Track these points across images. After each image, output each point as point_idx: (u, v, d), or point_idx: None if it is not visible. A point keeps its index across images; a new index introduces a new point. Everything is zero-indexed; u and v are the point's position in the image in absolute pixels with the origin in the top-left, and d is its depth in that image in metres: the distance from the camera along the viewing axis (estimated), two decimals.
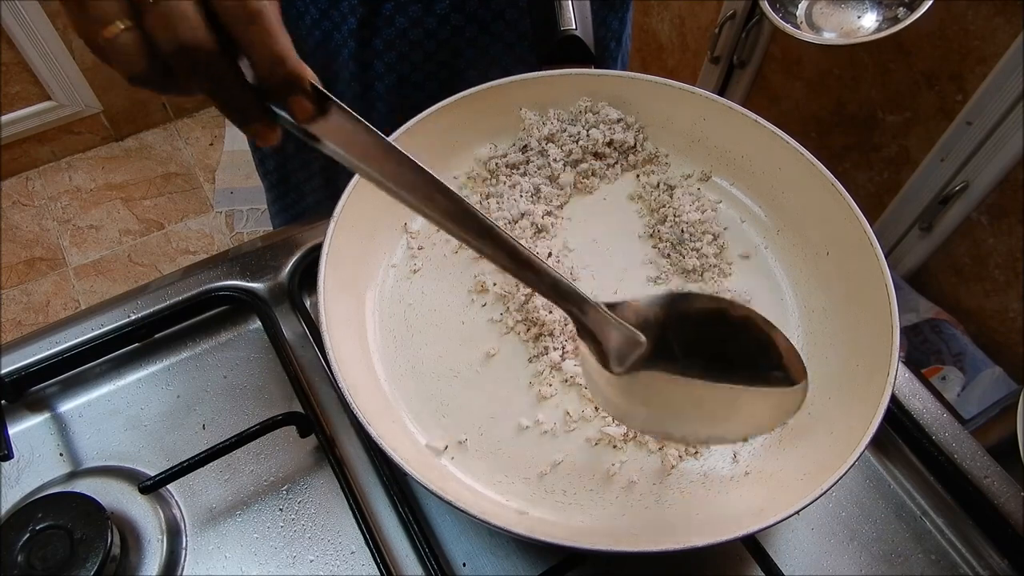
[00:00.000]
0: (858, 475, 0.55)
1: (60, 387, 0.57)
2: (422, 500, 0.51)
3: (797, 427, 0.48)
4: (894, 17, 0.58)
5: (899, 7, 0.58)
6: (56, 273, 1.85)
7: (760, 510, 0.42)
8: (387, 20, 0.65)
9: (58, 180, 2.02)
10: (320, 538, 0.50)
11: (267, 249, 0.62)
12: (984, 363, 1.22)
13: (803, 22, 0.62)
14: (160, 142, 2.11)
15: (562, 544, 0.40)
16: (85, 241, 1.90)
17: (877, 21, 0.60)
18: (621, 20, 0.75)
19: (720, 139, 0.59)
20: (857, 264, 0.51)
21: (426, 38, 0.66)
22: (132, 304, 0.59)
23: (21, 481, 0.52)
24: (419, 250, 0.57)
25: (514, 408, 0.50)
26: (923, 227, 1.29)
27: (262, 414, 0.54)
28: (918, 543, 0.52)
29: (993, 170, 1.15)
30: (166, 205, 1.98)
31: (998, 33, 1.07)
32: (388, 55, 0.67)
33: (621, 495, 0.47)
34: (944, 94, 1.19)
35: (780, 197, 0.57)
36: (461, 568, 0.49)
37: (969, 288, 1.29)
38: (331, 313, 0.48)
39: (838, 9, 0.61)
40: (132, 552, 0.48)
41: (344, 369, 0.45)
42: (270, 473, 0.53)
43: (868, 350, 0.48)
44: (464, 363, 0.52)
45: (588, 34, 0.60)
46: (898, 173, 1.32)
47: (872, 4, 0.61)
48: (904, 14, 0.58)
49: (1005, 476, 0.52)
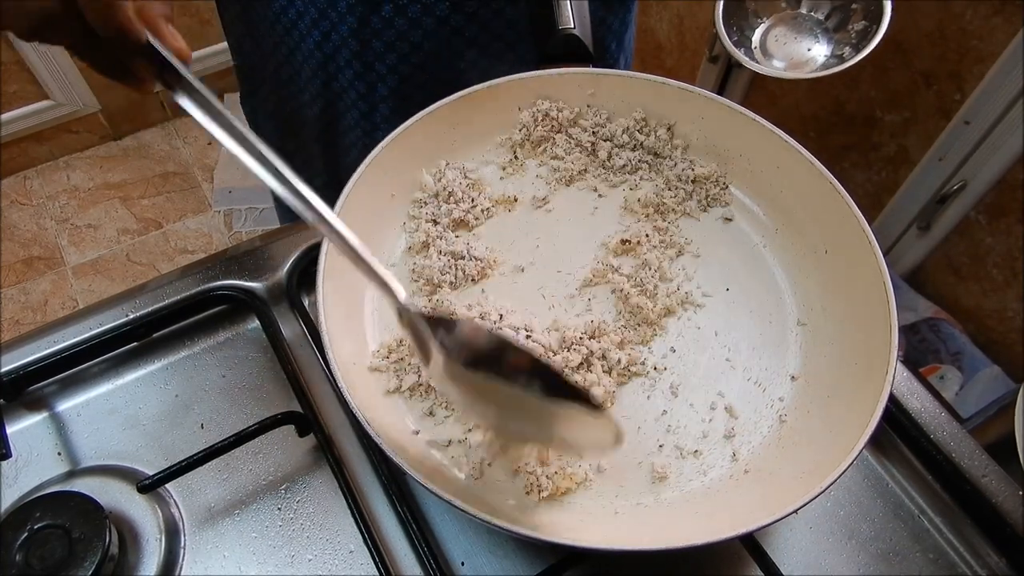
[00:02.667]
0: (856, 474, 0.55)
1: (58, 386, 0.57)
2: (421, 499, 0.51)
3: (796, 426, 0.49)
4: (840, 55, 0.60)
5: (846, 46, 0.60)
6: (54, 272, 1.84)
7: (758, 509, 0.42)
8: (387, 22, 0.65)
9: (56, 179, 2.01)
10: (318, 537, 0.50)
11: (265, 248, 0.62)
12: (982, 362, 1.22)
13: (757, 47, 0.63)
14: (158, 141, 2.11)
15: (561, 543, 0.40)
16: (83, 240, 1.90)
17: (826, 56, 0.62)
18: (622, 21, 0.75)
19: (719, 138, 0.59)
20: (856, 263, 0.51)
21: (426, 39, 0.66)
22: (130, 303, 0.59)
23: (19, 480, 0.52)
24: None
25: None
26: (921, 226, 1.29)
27: (260, 413, 0.54)
28: (916, 542, 0.52)
29: (991, 169, 1.15)
30: (164, 204, 1.97)
31: (996, 33, 1.08)
32: (389, 56, 0.67)
33: (620, 494, 0.47)
34: (942, 93, 1.19)
35: (779, 196, 0.57)
36: (460, 567, 0.49)
37: (967, 287, 1.29)
38: (330, 313, 0.48)
39: (791, 39, 0.63)
40: (130, 551, 0.48)
41: (342, 368, 0.45)
42: (268, 472, 0.53)
43: (866, 349, 0.48)
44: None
45: (587, 33, 0.60)
46: (896, 172, 1.32)
47: (824, 38, 0.62)
48: (849, 54, 0.60)
49: (1003, 475, 0.52)
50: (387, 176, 0.56)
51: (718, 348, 0.53)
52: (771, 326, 0.53)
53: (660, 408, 0.50)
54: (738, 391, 0.51)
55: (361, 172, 0.53)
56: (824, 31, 0.63)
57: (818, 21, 0.64)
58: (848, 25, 0.61)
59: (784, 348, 0.52)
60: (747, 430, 0.49)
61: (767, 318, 0.54)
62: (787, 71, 0.62)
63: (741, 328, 0.53)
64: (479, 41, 0.67)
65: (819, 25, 0.63)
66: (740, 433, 0.49)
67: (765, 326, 0.53)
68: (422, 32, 0.65)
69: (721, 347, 0.53)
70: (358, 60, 0.68)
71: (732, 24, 0.64)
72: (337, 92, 0.72)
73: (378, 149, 0.55)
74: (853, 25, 0.61)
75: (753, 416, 0.50)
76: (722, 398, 0.50)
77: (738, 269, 0.56)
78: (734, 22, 0.64)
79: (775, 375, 0.51)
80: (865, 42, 0.59)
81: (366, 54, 0.67)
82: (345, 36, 0.67)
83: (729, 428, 0.49)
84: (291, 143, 0.82)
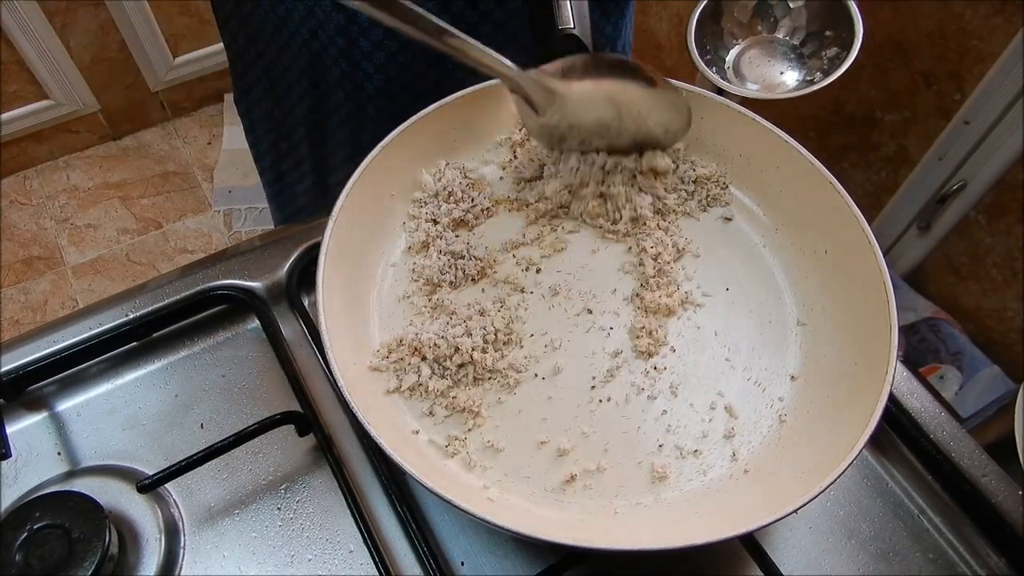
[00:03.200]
0: (856, 474, 0.55)
1: (58, 386, 0.57)
2: (420, 499, 0.51)
3: (795, 426, 0.49)
4: (811, 80, 0.63)
5: (817, 72, 0.62)
6: (54, 272, 1.85)
7: (758, 509, 0.42)
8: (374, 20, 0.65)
9: (56, 179, 2.01)
10: (318, 537, 0.50)
11: (265, 248, 0.62)
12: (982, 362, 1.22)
13: (730, 68, 0.65)
14: (158, 141, 2.11)
15: (560, 543, 0.40)
16: (83, 240, 1.90)
17: (797, 80, 0.64)
18: (615, 26, 0.75)
19: (718, 138, 0.59)
20: (855, 263, 0.51)
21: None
22: (130, 303, 0.59)
23: (19, 480, 0.52)
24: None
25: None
26: (921, 226, 1.29)
27: (260, 413, 0.55)
28: (916, 542, 0.52)
29: (991, 169, 1.15)
30: (164, 204, 1.97)
31: (996, 32, 1.08)
32: (376, 55, 0.67)
33: (620, 493, 0.47)
34: (942, 93, 1.19)
35: (778, 196, 0.57)
36: (460, 567, 0.49)
37: (967, 287, 1.29)
38: (329, 312, 0.48)
39: (764, 63, 0.65)
40: (130, 551, 0.48)
41: (342, 368, 0.45)
42: (268, 472, 0.53)
43: (866, 349, 0.48)
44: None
45: (586, 33, 0.60)
46: (896, 172, 1.32)
47: (796, 64, 0.65)
48: (819, 78, 0.62)
49: (1003, 475, 0.52)
50: (387, 176, 0.56)
51: (718, 348, 0.53)
52: (771, 326, 0.53)
53: (660, 408, 0.50)
54: (738, 391, 0.51)
55: (361, 172, 0.54)
56: (798, 56, 0.64)
57: (793, 47, 0.65)
58: (821, 52, 0.63)
59: (784, 348, 0.52)
60: (747, 430, 0.49)
61: (767, 318, 0.54)
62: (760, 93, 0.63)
63: (741, 328, 0.53)
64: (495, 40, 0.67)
65: (793, 51, 0.65)
66: (740, 433, 0.49)
67: (765, 326, 0.53)
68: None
69: (721, 347, 0.53)
70: (345, 59, 0.68)
71: (706, 44, 0.65)
72: (325, 91, 0.72)
73: (378, 149, 0.55)
74: (825, 52, 0.63)
75: (753, 416, 0.50)
76: (722, 398, 0.50)
77: (738, 269, 0.56)
78: (708, 41, 0.65)
79: (775, 375, 0.51)
80: (834, 68, 0.62)
81: (353, 52, 0.67)
82: (332, 34, 0.66)
83: (729, 428, 0.49)
84: (284, 143, 0.82)
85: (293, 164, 0.83)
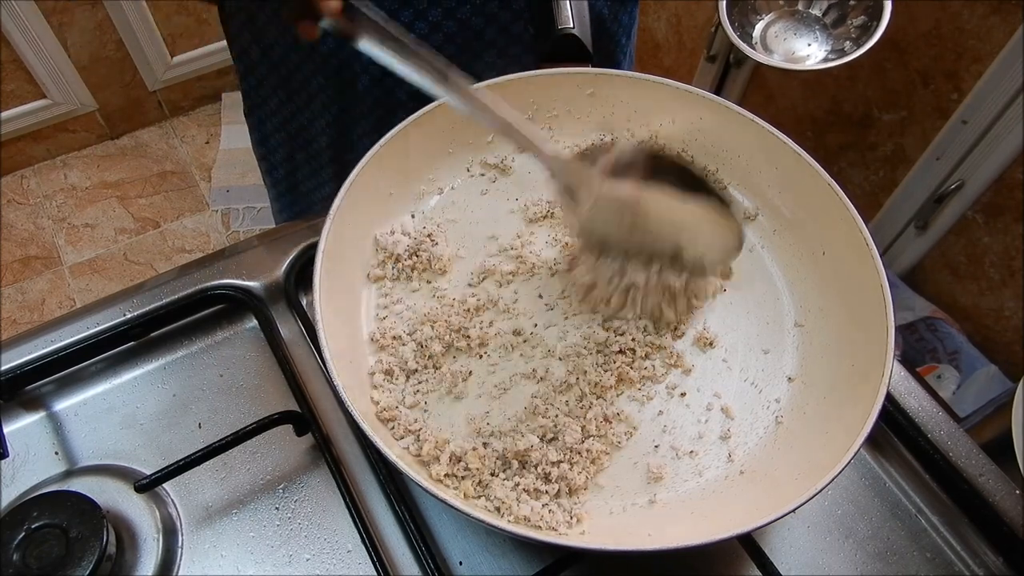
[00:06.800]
0: (854, 473, 0.55)
1: (56, 386, 0.57)
2: (419, 499, 0.51)
3: (792, 427, 0.49)
4: (841, 49, 0.62)
5: (846, 41, 0.62)
6: (51, 272, 1.84)
7: (756, 509, 0.42)
8: (407, 26, 0.64)
9: (53, 178, 2.01)
10: (316, 537, 0.50)
11: (263, 248, 0.62)
12: (979, 361, 1.22)
13: (757, 42, 0.64)
14: (156, 140, 2.10)
15: (558, 543, 0.40)
16: (80, 240, 1.90)
17: (825, 51, 0.64)
18: (630, 15, 0.76)
19: (716, 138, 0.59)
20: (853, 263, 0.51)
21: (446, 43, 0.65)
22: (128, 303, 0.58)
23: (17, 480, 0.52)
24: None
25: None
26: (919, 226, 1.29)
27: (258, 413, 0.54)
28: (913, 541, 0.52)
29: (988, 169, 1.15)
30: (162, 203, 1.97)
31: (994, 32, 1.08)
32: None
33: (616, 494, 0.47)
34: (940, 93, 1.19)
35: (776, 197, 0.57)
36: (458, 567, 0.49)
37: (964, 286, 1.29)
38: (327, 312, 0.48)
39: (791, 35, 0.64)
40: (128, 551, 0.48)
41: (340, 368, 0.45)
42: (266, 472, 0.53)
43: (864, 348, 0.48)
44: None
45: (586, 33, 0.60)
46: (894, 172, 1.32)
47: (823, 35, 0.64)
48: (850, 47, 0.61)
49: (1000, 474, 0.52)
50: (387, 175, 0.56)
51: (715, 349, 0.53)
52: (768, 327, 0.54)
53: (656, 408, 0.50)
54: (735, 392, 0.51)
55: (360, 171, 0.54)
56: (823, 27, 0.64)
57: (816, 18, 0.64)
58: (847, 21, 0.62)
59: (781, 349, 0.53)
60: (743, 431, 0.49)
61: (764, 319, 0.54)
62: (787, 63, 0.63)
63: (738, 329, 0.53)
64: (498, 43, 0.67)
65: (817, 22, 0.64)
66: (736, 434, 0.49)
67: (762, 327, 0.54)
68: (443, 36, 0.65)
69: (718, 348, 0.53)
70: (376, 65, 0.68)
71: (734, 20, 0.64)
72: (352, 99, 0.72)
73: (377, 147, 0.55)
74: (852, 21, 0.62)
75: (749, 417, 0.50)
76: (718, 399, 0.50)
77: (736, 270, 0.56)
78: (735, 18, 0.65)
79: (772, 376, 0.51)
80: (866, 37, 0.60)
81: (345, 49, 0.67)
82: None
83: (725, 429, 0.49)
84: (302, 154, 0.82)
85: (311, 172, 0.82)
